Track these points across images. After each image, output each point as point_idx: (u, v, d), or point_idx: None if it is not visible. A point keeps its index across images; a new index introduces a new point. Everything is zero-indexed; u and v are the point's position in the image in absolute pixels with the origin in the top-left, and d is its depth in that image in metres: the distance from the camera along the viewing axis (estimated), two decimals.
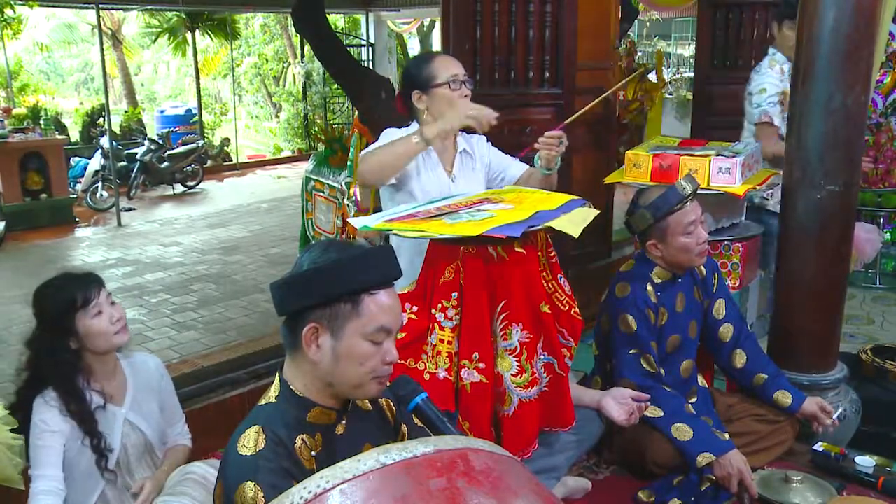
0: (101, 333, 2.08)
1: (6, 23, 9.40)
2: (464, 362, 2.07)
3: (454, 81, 2.42)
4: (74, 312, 2.06)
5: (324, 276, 1.40)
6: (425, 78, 2.44)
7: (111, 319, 2.10)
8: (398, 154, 2.33)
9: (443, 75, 2.43)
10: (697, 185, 2.53)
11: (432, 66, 2.44)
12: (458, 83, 2.43)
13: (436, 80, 2.43)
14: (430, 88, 2.43)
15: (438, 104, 2.44)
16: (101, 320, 2.08)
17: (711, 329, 2.70)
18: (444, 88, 2.42)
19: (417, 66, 2.50)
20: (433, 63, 2.45)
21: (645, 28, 15.10)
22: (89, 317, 2.07)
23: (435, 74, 2.43)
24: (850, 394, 2.98)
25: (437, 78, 2.43)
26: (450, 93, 2.42)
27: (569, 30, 3.36)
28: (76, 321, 2.06)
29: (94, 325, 2.07)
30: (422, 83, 2.45)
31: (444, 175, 2.53)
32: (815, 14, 2.69)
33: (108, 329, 2.09)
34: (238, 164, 12.54)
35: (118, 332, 2.11)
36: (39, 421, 2.03)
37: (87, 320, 2.06)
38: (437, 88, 2.43)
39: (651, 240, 2.51)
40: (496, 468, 0.90)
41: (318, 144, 7.40)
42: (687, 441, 2.36)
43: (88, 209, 8.85)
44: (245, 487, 1.30)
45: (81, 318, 2.06)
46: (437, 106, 2.44)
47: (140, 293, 5.64)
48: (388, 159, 2.34)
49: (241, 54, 15.67)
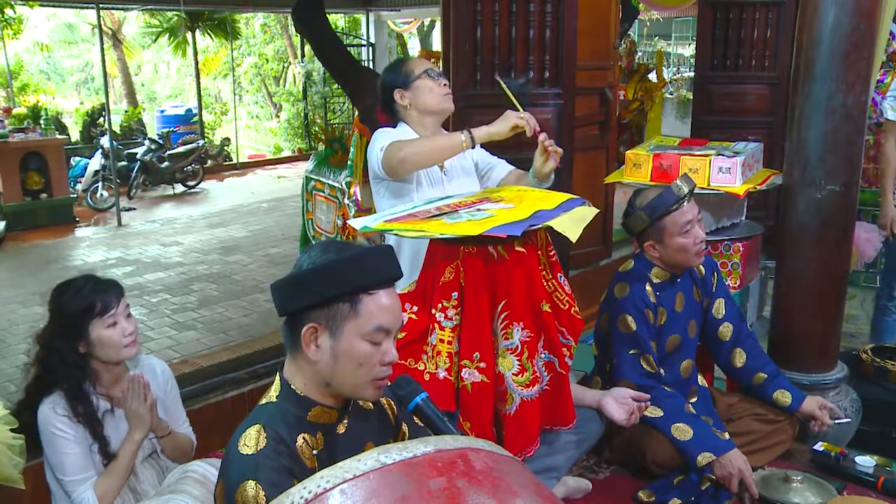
0: (111, 344, 2.07)
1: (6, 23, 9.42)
2: (464, 362, 2.07)
3: (430, 71, 2.56)
4: (91, 318, 2.04)
5: (323, 276, 1.40)
6: (404, 75, 2.57)
7: (124, 332, 2.08)
8: (441, 148, 2.44)
9: (418, 69, 2.56)
10: (694, 185, 2.53)
11: (406, 66, 2.60)
12: (435, 74, 2.57)
13: (413, 74, 2.56)
14: (411, 83, 2.55)
15: (420, 95, 2.55)
16: (114, 331, 2.07)
17: (711, 328, 2.70)
18: (423, 79, 2.54)
19: (392, 70, 2.65)
20: (406, 64, 2.62)
21: (645, 28, 15.10)
22: (104, 325, 2.06)
23: (411, 70, 2.57)
24: (851, 394, 2.98)
25: (413, 72, 2.56)
26: (430, 82, 2.55)
27: (569, 30, 3.35)
28: (90, 327, 2.05)
29: (107, 334, 2.06)
30: (401, 81, 2.56)
31: (436, 169, 2.58)
32: (815, 14, 2.69)
33: (119, 341, 2.08)
34: (238, 163, 12.54)
35: (127, 345, 2.10)
36: (56, 430, 2.03)
37: (101, 329, 2.05)
38: (416, 81, 2.55)
39: (648, 240, 2.52)
40: (496, 468, 0.90)
41: (319, 144, 7.41)
42: (687, 441, 2.36)
43: (89, 209, 8.85)
44: (246, 486, 1.30)
45: (96, 324, 2.05)
46: (419, 97, 2.56)
47: (140, 293, 5.64)
48: (429, 152, 2.42)
49: (242, 54, 15.67)
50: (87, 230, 8.20)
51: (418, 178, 2.54)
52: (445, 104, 2.58)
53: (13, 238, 7.59)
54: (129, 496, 2.13)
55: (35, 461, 2.26)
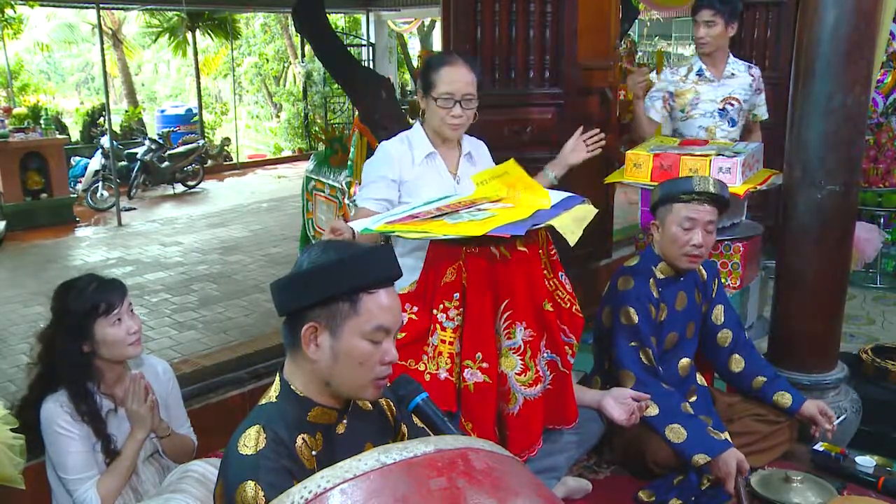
0: (116, 343, 2.08)
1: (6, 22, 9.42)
2: (467, 362, 2.07)
3: (445, 97, 2.39)
4: (96, 317, 2.05)
5: (322, 276, 1.40)
6: (427, 82, 2.43)
7: (129, 330, 2.09)
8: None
9: (439, 88, 2.40)
10: (719, 196, 2.47)
11: (437, 74, 2.41)
12: (452, 101, 2.40)
13: (431, 90, 2.42)
14: (427, 96, 2.44)
15: (430, 110, 2.45)
16: (118, 330, 2.08)
17: (710, 334, 2.70)
18: (438, 102, 2.41)
19: (429, 65, 2.47)
20: (440, 71, 2.41)
21: (645, 28, 15.11)
22: (109, 324, 2.06)
23: (434, 84, 2.41)
24: (851, 394, 2.98)
25: (433, 89, 2.41)
26: (439, 109, 2.41)
27: (569, 30, 3.36)
28: (95, 326, 2.05)
29: (112, 333, 2.07)
30: (424, 86, 2.45)
31: (448, 176, 2.54)
32: (815, 14, 2.69)
33: (124, 339, 2.08)
34: (238, 163, 12.54)
35: (132, 343, 2.11)
36: (59, 428, 2.03)
37: (106, 328, 2.06)
38: (431, 100, 2.43)
39: (656, 219, 2.54)
40: (497, 468, 0.90)
41: (319, 144, 7.41)
42: (681, 443, 2.36)
43: (89, 209, 8.85)
44: (245, 487, 1.30)
45: (101, 324, 2.06)
46: (430, 114, 2.46)
47: (140, 293, 5.64)
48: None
49: (242, 54, 15.66)
50: (88, 230, 8.20)
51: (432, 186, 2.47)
52: (446, 132, 2.46)
53: (13, 238, 7.59)
54: (130, 495, 2.13)
55: (35, 461, 2.26)
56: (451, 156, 2.57)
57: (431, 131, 2.51)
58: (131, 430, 2.12)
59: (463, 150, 2.59)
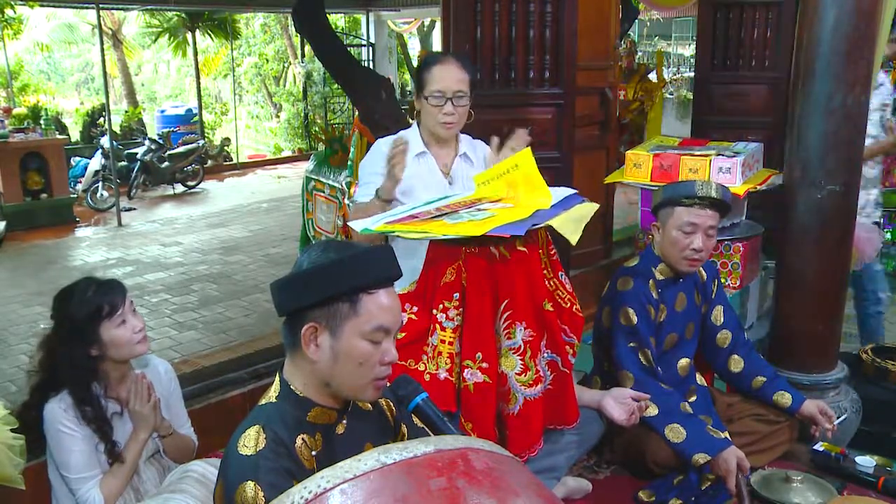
0: (123, 343, 2.07)
1: (6, 23, 9.42)
2: (466, 362, 2.07)
3: (436, 94, 2.39)
4: (100, 321, 2.05)
5: (322, 276, 1.40)
6: (420, 82, 2.44)
7: (134, 329, 2.09)
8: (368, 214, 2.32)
9: (430, 86, 2.40)
10: (721, 202, 2.48)
11: (429, 73, 2.42)
12: (443, 99, 2.39)
13: (423, 89, 2.42)
14: (421, 95, 2.44)
15: (425, 114, 2.46)
16: (124, 330, 2.07)
17: (709, 334, 2.70)
18: (429, 101, 2.41)
19: (423, 65, 2.48)
20: (431, 70, 2.42)
21: (645, 28, 15.10)
22: (114, 326, 2.06)
23: (426, 83, 2.41)
24: (851, 394, 2.98)
25: (424, 87, 2.41)
26: (430, 108, 2.41)
27: (569, 30, 3.35)
28: (101, 329, 2.05)
29: (118, 334, 2.06)
30: (418, 86, 2.46)
31: (440, 176, 2.54)
32: (815, 14, 2.69)
33: (131, 339, 2.08)
34: (238, 163, 12.54)
35: (139, 342, 2.11)
36: (63, 427, 2.03)
37: (111, 329, 2.06)
38: (424, 95, 2.43)
39: (657, 221, 2.54)
40: (496, 468, 0.90)
41: (319, 144, 7.40)
42: (681, 442, 2.36)
43: (89, 209, 8.85)
44: (245, 487, 1.30)
45: (106, 326, 2.05)
46: (425, 113, 2.46)
47: (140, 293, 5.64)
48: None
49: (242, 54, 15.66)
50: (88, 230, 8.20)
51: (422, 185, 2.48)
52: (439, 131, 2.47)
53: (13, 238, 7.59)
54: (131, 495, 2.13)
55: (35, 461, 2.26)
56: (445, 156, 2.57)
57: (426, 131, 2.53)
58: (134, 430, 2.12)
59: (459, 151, 2.59)
